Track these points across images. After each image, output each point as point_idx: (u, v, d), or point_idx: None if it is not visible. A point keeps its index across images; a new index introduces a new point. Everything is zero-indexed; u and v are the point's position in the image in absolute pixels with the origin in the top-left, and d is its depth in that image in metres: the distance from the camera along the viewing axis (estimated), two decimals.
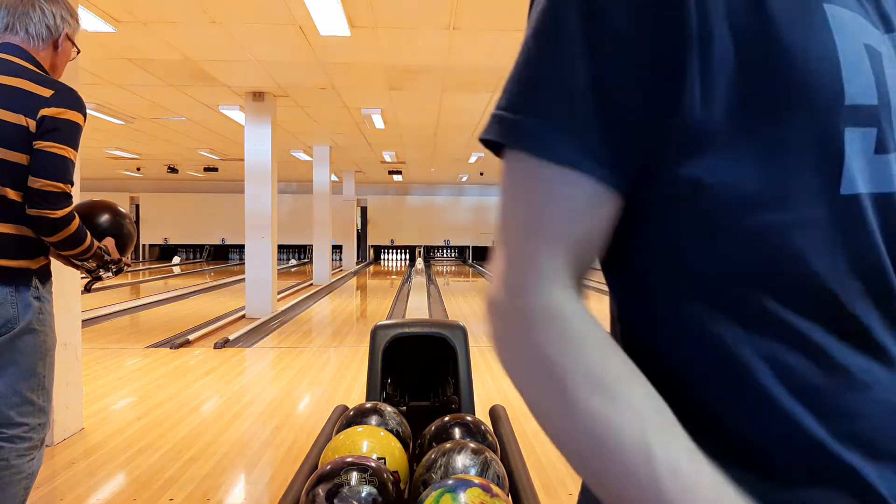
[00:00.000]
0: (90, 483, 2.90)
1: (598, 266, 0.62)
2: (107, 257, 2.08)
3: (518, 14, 5.32)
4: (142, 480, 2.92)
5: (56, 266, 2.04)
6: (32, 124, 1.83)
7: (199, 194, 21.80)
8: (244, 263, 9.01)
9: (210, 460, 3.20)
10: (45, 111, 1.84)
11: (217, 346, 6.12)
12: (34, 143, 1.82)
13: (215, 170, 16.73)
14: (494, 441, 2.19)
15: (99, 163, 16.20)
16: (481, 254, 23.49)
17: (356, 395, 4.45)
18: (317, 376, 5.07)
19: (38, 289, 1.91)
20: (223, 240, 22.01)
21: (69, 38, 2.05)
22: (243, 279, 8.83)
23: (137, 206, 22.06)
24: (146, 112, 9.57)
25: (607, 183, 0.48)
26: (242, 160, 8.66)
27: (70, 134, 1.89)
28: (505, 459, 2.10)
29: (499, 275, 0.51)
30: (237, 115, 9.28)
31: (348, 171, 18.33)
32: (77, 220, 1.92)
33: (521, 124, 0.48)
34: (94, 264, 2.06)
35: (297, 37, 5.90)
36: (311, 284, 13.13)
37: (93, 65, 6.84)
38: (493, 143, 0.51)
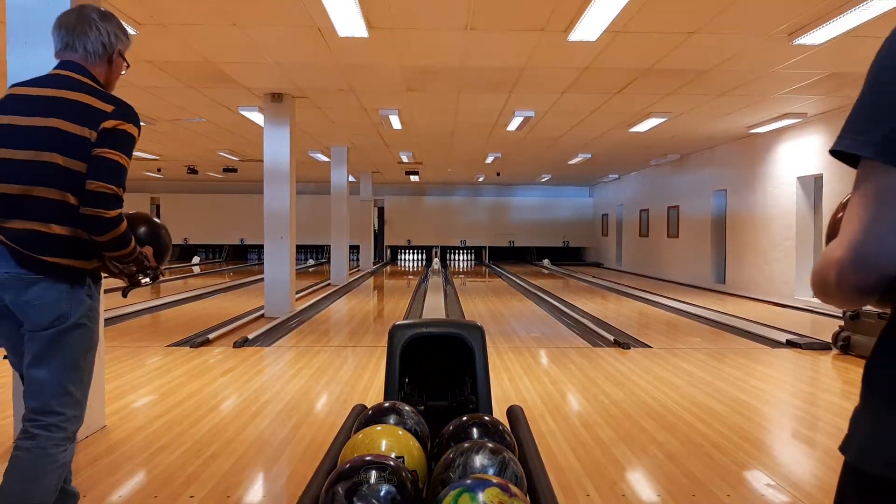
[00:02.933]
0: (112, 480, 2.94)
1: (627, 269, 0.62)
2: (146, 263, 2.20)
3: (533, 15, 5.31)
4: (163, 478, 2.96)
5: None
6: (94, 136, 1.96)
7: (218, 195, 21.99)
8: (263, 263, 9.07)
9: (230, 458, 3.23)
10: (105, 124, 1.97)
11: (236, 345, 6.17)
12: (94, 149, 1.95)
13: (234, 171, 16.86)
14: (512, 441, 2.19)
15: None
16: (497, 254, 23.47)
17: (374, 395, 4.47)
18: (335, 375, 5.10)
19: (91, 287, 2.06)
20: (242, 240, 22.18)
21: (121, 55, 2.19)
22: (262, 279, 8.89)
23: (158, 207, 22.29)
24: (166, 114, 9.68)
25: None
26: (261, 161, 8.73)
27: (125, 143, 2.03)
28: (523, 460, 2.10)
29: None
30: (256, 117, 9.35)
31: (365, 172, 18.40)
32: (125, 223, 2.04)
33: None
34: (135, 269, 2.18)
35: (315, 38, 5.93)
36: (329, 284, 13.19)
37: None
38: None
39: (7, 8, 3.41)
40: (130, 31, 5.54)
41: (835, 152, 0.87)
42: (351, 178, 15.73)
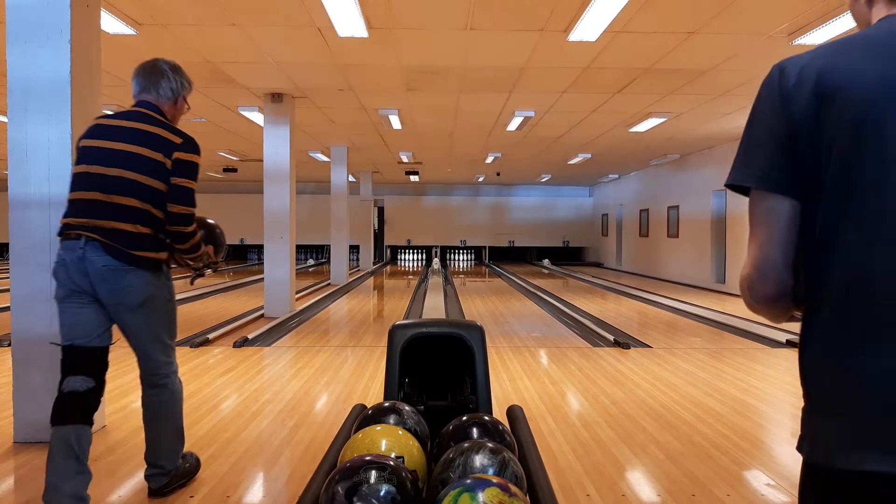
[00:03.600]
0: (112, 480, 2.94)
1: (627, 269, 0.64)
2: (209, 259, 2.83)
3: (533, 15, 5.31)
4: None
5: None
6: (168, 163, 2.53)
7: (218, 195, 21.96)
8: (263, 263, 9.07)
9: (230, 458, 3.23)
10: (177, 154, 2.55)
11: (236, 345, 6.17)
12: (171, 178, 2.53)
13: (234, 170, 16.85)
14: (512, 441, 2.20)
15: None
16: (497, 254, 23.47)
17: (374, 395, 4.47)
18: (335, 375, 5.10)
19: (166, 272, 2.66)
20: (242, 240, 22.16)
21: (184, 98, 2.82)
22: (262, 279, 8.89)
23: None
24: None
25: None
26: (261, 161, 8.73)
27: (194, 171, 2.61)
28: (523, 459, 2.11)
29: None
30: (256, 117, 9.35)
31: (365, 172, 18.39)
32: (199, 233, 2.66)
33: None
34: (201, 264, 2.83)
35: (315, 38, 5.93)
36: (329, 284, 13.19)
37: (114, 67, 6.92)
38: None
39: (7, 8, 3.41)
40: (130, 31, 5.57)
41: (729, 185, 1.06)
42: (351, 178, 15.73)
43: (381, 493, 1.68)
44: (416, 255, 23.77)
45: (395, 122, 10.14)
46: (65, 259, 2.47)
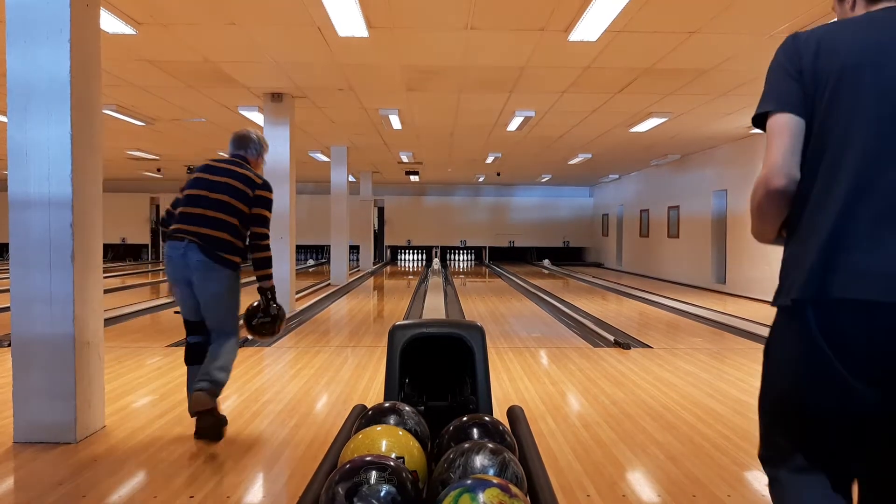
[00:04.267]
0: (112, 480, 2.94)
1: (627, 269, 0.64)
2: (271, 301, 3.71)
3: (534, 15, 5.31)
4: (162, 478, 2.95)
5: (81, 271, 2.43)
6: (250, 192, 3.58)
7: None
8: None
9: (230, 458, 3.22)
10: (258, 191, 3.61)
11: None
12: (253, 208, 3.57)
13: None
14: (512, 441, 2.19)
15: (120, 164, 16.39)
16: (497, 254, 23.48)
17: (374, 395, 4.47)
18: (335, 376, 5.10)
19: (238, 272, 3.61)
20: None
21: (262, 156, 3.88)
22: None
23: (158, 207, 22.28)
24: (166, 113, 9.68)
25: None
26: None
27: (269, 205, 3.67)
28: (523, 460, 2.10)
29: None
30: (256, 117, 9.35)
31: (365, 172, 18.39)
32: (270, 252, 3.69)
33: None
34: (268, 297, 3.71)
35: (315, 38, 5.93)
36: (329, 284, 13.19)
37: (114, 66, 6.93)
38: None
39: (6, 7, 3.41)
40: (130, 30, 5.57)
41: (754, 117, 1.48)
42: (351, 178, 15.72)
43: (382, 494, 1.68)
44: (416, 255, 23.78)
45: (395, 122, 10.14)
46: (171, 255, 3.46)
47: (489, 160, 15.20)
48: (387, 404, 2.34)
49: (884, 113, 1.33)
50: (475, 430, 2.16)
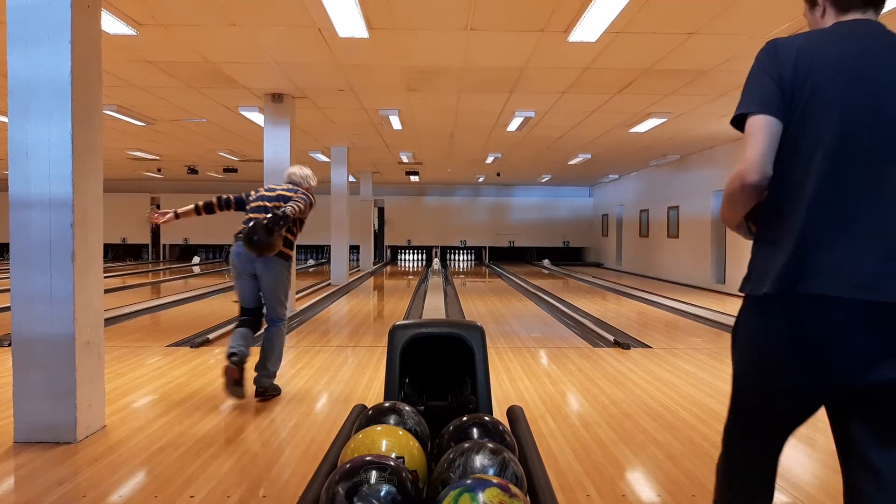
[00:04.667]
0: (112, 480, 2.94)
1: (627, 269, 0.65)
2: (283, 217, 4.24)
3: (533, 15, 5.31)
4: (163, 478, 2.96)
5: (81, 270, 2.35)
6: (295, 196, 4.46)
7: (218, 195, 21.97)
8: None
9: (230, 458, 3.23)
10: (302, 191, 4.56)
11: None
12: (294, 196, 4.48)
13: (234, 171, 16.85)
14: (512, 441, 2.20)
15: (120, 164, 16.40)
16: (497, 254, 23.48)
17: (374, 395, 4.47)
18: (335, 375, 5.10)
19: (289, 262, 4.46)
20: None
21: (310, 185, 4.77)
22: None
23: (158, 207, 22.19)
24: (167, 114, 9.68)
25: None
26: (261, 161, 8.73)
27: (306, 200, 4.46)
28: (523, 460, 2.11)
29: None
30: (256, 117, 9.35)
31: (365, 172, 18.40)
32: (295, 214, 4.35)
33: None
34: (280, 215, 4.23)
35: (315, 39, 5.94)
36: (329, 284, 13.19)
37: (115, 67, 6.93)
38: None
39: (7, 8, 3.41)
40: (131, 31, 5.58)
41: (734, 118, 1.61)
42: (351, 179, 15.72)
43: (382, 494, 1.68)
44: (416, 255, 23.78)
45: (396, 123, 10.14)
46: (239, 252, 4.29)
47: (489, 160, 15.21)
48: (387, 404, 2.35)
49: (846, 130, 1.48)
50: (475, 430, 2.16)
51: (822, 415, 1.67)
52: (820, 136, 1.49)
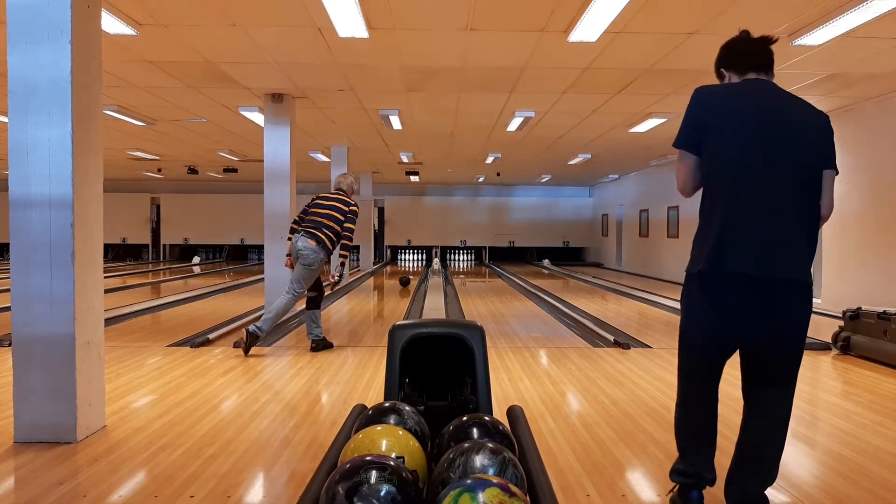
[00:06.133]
0: (112, 480, 2.94)
1: (627, 269, 0.66)
2: (343, 265, 6.04)
3: (533, 15, 5.31)
4: (163, 478, 2.96)
5: (81, 270, 2.20)
6: (346, 208, 5.94)
7: (218, 195, 21.99)
8: (263, 263, 9.06)
9: (230, 458, 3.23)
10: (350, 208, 5.94)
11: (236, 345, 6.17)
12: (346, 219, 5.93)
13: (235, 171, 16.86)
14: (512, 441, 2.20)
15: (120, 164, 16.40)
16: (497, 254, 23.48)
17: (374, 395, 4.47)
18: (335, 375, 5.10)
19: (319, 256, 5.84)
20: (242, 240, 22.18)
21: (354, 190, 6.17)
22: (262, 279, 8.89)
23: (158, 207, 22.30)
24: (167, 114, 9.68)
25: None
26: (261, 161, 8.73)
27: (355, 217, 5.89)
28: (523, 460, 2.11)
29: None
30: (256, 117, 9.35)
31: (365, 172, 18.40)
32: (352, 241, 6.02)
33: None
34: (341, 263, 6.17)
35: (315, 38, 5.94)
36: (329, 284, 13.16)
37: (114, 67, 6.93)
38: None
39: (7, 8, 3.41)
40: (131, 31, 5.58)
41: (674, 146, 2.39)
42: None
43: (382, 494, 1.68)
44: (416, 255, 23.78)
45: (396, 123, 10.14)
46: (296, 243, 5.80)
47: (489, 160, 15.21)
48: (387, 404, 2.35)
49: (746, 162, 2.22)
50: (475, 430, 2.16)
51: (822, 415, 1.67)
52: (729, 165, 2.23)
